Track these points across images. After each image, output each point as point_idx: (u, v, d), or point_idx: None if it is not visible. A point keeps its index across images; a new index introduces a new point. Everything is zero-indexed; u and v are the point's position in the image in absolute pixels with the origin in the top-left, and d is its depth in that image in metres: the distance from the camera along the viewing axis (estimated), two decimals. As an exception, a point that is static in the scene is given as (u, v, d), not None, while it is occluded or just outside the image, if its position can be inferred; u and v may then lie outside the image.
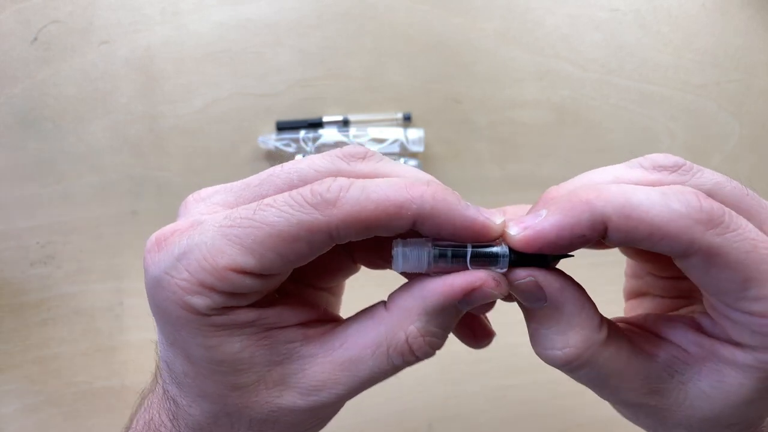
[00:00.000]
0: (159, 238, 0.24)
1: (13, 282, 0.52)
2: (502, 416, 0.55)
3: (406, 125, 0.56)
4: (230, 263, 0.22)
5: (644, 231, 0.21)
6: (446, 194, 0.22)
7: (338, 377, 0.24)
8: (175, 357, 0.25)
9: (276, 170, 0.25)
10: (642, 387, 0.25)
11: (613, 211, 0.21)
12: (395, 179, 0.23)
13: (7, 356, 0.51)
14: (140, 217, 0.53)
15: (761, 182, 0.62)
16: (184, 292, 0.22)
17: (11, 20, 0.52)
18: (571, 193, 0.23)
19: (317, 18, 0.55)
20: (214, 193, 0.26)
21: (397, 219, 0.22)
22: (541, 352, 0.25)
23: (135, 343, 0.53)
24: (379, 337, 0.24)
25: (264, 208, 0.22)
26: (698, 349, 0.25)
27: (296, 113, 0.55)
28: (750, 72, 0.60)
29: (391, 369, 0.24)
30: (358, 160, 0.25)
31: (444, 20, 0.56)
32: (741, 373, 0.24)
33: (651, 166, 0.24)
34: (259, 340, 0.24)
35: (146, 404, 0.29)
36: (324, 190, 0.22)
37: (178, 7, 0.53)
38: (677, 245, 0.21)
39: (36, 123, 0.52)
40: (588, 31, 0.58)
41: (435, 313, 0.24)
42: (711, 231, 0.21)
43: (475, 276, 0.23)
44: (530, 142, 0.58)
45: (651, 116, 0.59)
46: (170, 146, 0.54)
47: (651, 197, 0.21)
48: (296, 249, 0.22)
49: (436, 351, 0.25)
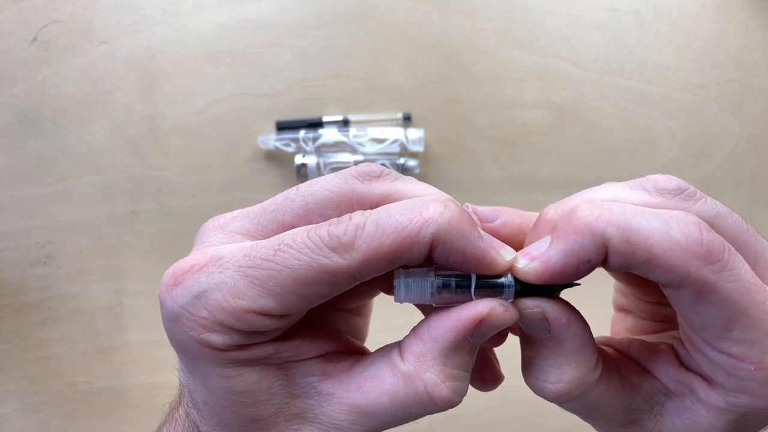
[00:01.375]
0: (176, 272, 0.23)
1: (13, 282, 0.52)
2: (502, 416, 0.55)
3: (406, 125, 0.56)
4: (251, 306, 0.21)
5: (642, 257, 0.21)
6: (462, 221, 0.22)
7: (356, 419, 0.24)
8: (195, 385, 0.25)
9: (291, 194, 0.24)
10: (623, 417, 0.25)
11: (614, 232, 0.21)
12: (408, 202, 0.22)
13: (7, 356, 0.51)
14: (140, 217, 0.53)
15: (761, 182, 0.62)
16: (202, 329, 0.22)
17: (11, 20, 0.52)
18: (570, 215, 0.22)
19: (317, 18, 0.55)
20: (232, 219, 0.25)
21: (416, 246, 0.21)
22: (532, 382, 0.24)
23: (135, 344, 0.53)
24: (396, 386, 0.23)
25: (285, 249, 0.21)
26: (677, 385, 0.25)
27: (296, 113, 0.55)
28: (750, 72, 0.60)
29: (409, 417, 0.24)
30: (373, 179, 0.24)
31: (444, 20, 0.56)
32: (713, 414, 0.24)
33: (653, 188, 0.23)
34: (277, 371, 0.24)
35: (173, 421, 0.29)
36: (341, 233, 0.21)
37: (178, 7, 0.53)
38: (672, 276, 0.21)
39: (36, 123, 0.52)
40: (588, 31, 0.58)
41: (450, 354, 0.23)
42: (708, 267, 0.20)
43: (482, 305, 0.23)
44: (530, 142, 0.58)
45: (651, 116, 0.59)
46: (170, 146, 0.54)
47: (652, 223, 0.21)
48: (317, 291, 0.22)
49: (461, 398, 0.24)
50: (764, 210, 0.63)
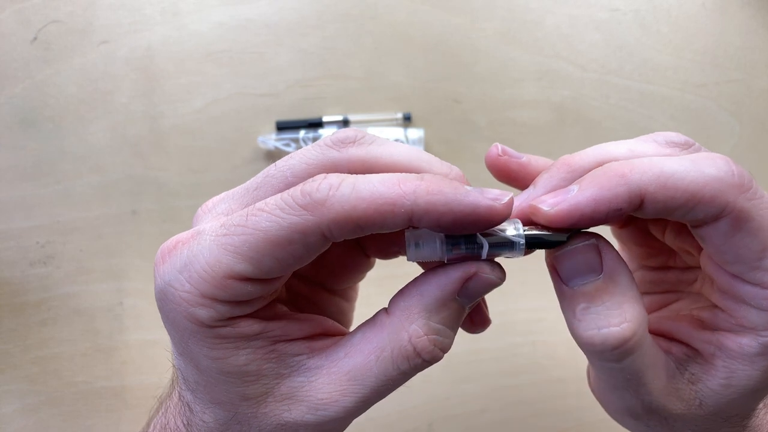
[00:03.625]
0: (164, 250, 0.24)
1: (13, 282, 0.52)
2: (502, 416, 0.55)
3: (406, 125, 0.56)
4: (228, 272, 0.22)
5: (681, 198, 0.21)
6: (441, 186, 0.21)
7: (345, 388, 0.24)
8: (186, 366, 0.25)
9: (271, 171, 0.25)
10: (665, 387, 0.25)
11: (650, 181, 0.21)
12: (388, 176, 0.22)
13: (7, 356, 0.51)
14: (140, 217, 0.53)
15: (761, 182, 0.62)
16: (189, 305, 0.22)
17: (11, 20, 0.52)
18: (604, 167, 0.22)
19: (317, 18, 0.55)
20: (219, 201, 0.26)
21: (390, 216, 0.21)
22: (593, 335, 0.23)
23: (135, 343, 0.53)
24: (382, 342, 0.24)
25: (256, 213, 0.22)
26: (706, 345, 0.25)
27: (296, 113, 0.55)
28: (750, 72, 0.60)
29: (398, 375, 0.24)
30: (348, 145, 0.24)
31: (444, 20, 0.56)
32: (749, 365, 0.24)
33: (664, 141, 0.25)
34: (267, 354, 0.24)
35: (163, 408, 0.29)
36: (314, 190, 0.21)
37: (178, 7, 0.53)
38: (712, 208, 0.21)
39: (36, 123, 0.52)
40: (588, 31, 0.58)
41: (435, 309, 0.23)
42: (743, 195, 0.21)
43: (470, 264, 0.23)
44: (530, 142, 0.58)
45: (651, 116, 0.59)
46: (170, 146, 0.54)
47: (684, 165, 0.22)
48: (292, 251, 0.22)
49: (444, 353, 0.24)
50: (764, 210, 0.62)
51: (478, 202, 0.21)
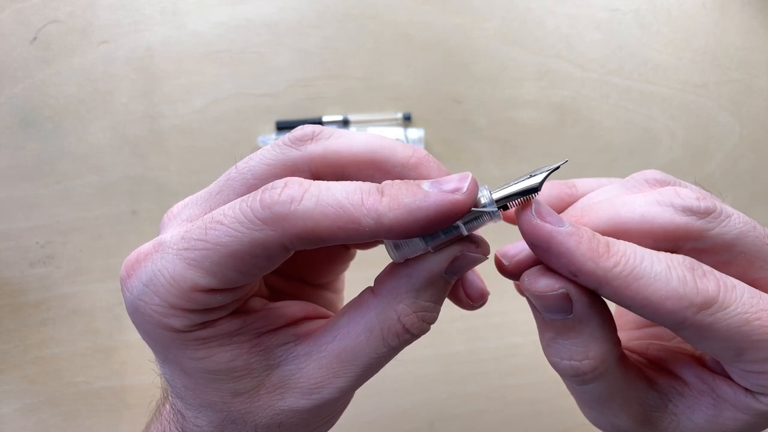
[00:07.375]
0: (127, 265, 0.23)
1: (13, 282, 0.52)
2: (502, 416, 0.55)
3: (406, 125, 0.56)
4: (193, 285, 0.21)
5: (640, 303, 0.21)
6: (400, 198, 0.21)
7: (336, 370, 0.24)
8: (172, 372, 0.25)
9: (232, 173, 0.24)
10: (637, 413, 0.25)
11: (614, 277, 0.21)
12: (351, 187, 0.21)
13: (7, 356, 0.51)
14: (140, 217, 0.53)
15: (761, 182, 0.62)
16: (161, 316, 0.22)
17: (11, 20, 0.52)
18: (590, 238, 0.22)
19: (317, 18, 0.55)
20: (183, 208, 0.25)
21: (355, 234, 0.21)
22: (557, 362, 0.24)
23: (134, 344, 0.53)
24: (371, 322, 0.24)
25: (215, 227, 0.21)
26: (699, 382, 0.25)
27: (296, 113, 0.55)
28: (750, 72, 0.60)
29: (388, 351, 0.24)
30: (306, 142, 0.24)
31: (444, 20, 0.56)
32: (740, 411, 0.24)
33: (681, 208, 0.23)
34: (252, 347, 0.24)
35: (158, 415, 0.29)
36: (274, 202, 0.21)
37: (178, 7, 0.53)
38: (669, 321, 0.21)
39: (36, 123, 0.52)
40: (588, 31, 0.58)
41: (423, 288, 0.24)
42: (703, 312, 0.21)
43: (455, 246, 0.23)
44: (530, 142, 0.58)
45: (651, 116, 0.59)
46: (170, 146, 0.54)
47: (656, 269, 0.21)
48: (255, 264, 0.21)
49: (431, 325, 0.24)
50: (764, 209, 0.63)
51: (440, 202, 0.21)
